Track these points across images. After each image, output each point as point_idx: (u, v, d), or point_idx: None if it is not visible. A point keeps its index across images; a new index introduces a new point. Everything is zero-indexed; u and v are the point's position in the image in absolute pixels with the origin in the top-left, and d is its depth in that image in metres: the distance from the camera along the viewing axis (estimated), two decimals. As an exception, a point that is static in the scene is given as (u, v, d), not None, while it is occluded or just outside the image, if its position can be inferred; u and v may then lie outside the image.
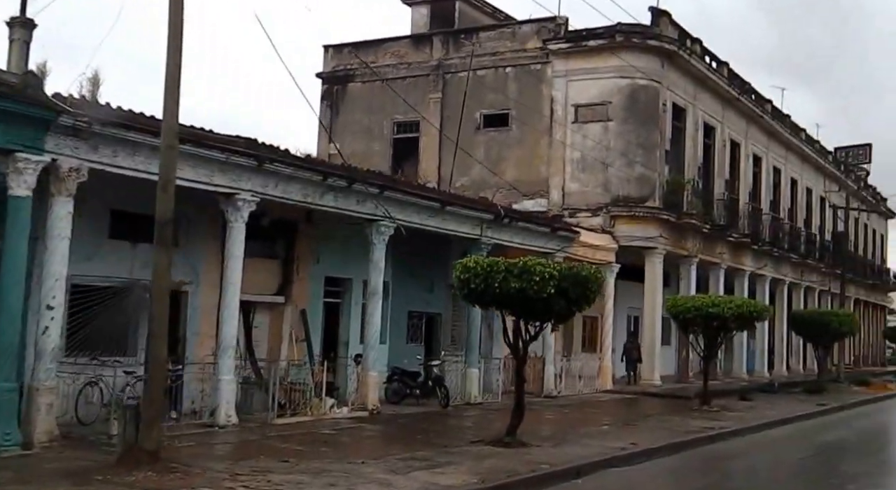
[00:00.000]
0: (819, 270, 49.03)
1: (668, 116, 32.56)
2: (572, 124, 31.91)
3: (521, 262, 15.73)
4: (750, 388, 34.68)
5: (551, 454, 15.57)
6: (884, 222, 68.24)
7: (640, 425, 21.21)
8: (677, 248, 32.63)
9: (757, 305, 25.88)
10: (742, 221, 38.25)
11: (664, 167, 32.11)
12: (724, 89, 36.38)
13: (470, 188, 31.52)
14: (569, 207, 31.61)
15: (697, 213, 33.10)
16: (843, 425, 25.72)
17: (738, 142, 39.17)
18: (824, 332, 35.39)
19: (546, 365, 27.57)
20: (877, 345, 66.88)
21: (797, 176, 47.10)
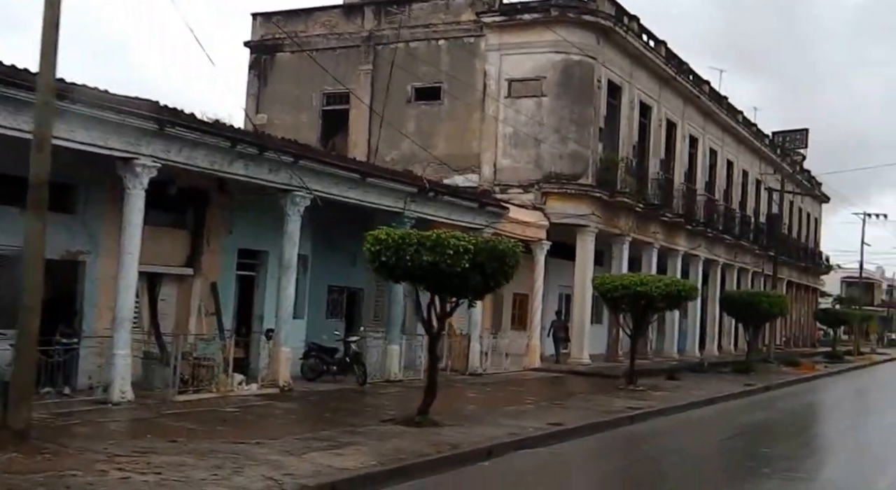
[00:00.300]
0: (753, 252, 49.17)
1: (603, 93, 32.09)
2: (505, 99, 31.28)
3: (434, 235, 15.08)
4: (679, 368, 34.54)
5: (463, 434, 15.01)
6: (818, 206, 68.88)
7: (563, 405, 20.78)
8: (610, 227, 32.26)
9: (685, 285, 25.56)
10: (676, 201, 38.03)
11: (598, 145, 31.65)
12: (661, 68, 36.01)
13: (400, 162, 30.83)
14: (500, 183, 31.04)
15: (631, 191, 32.75)
16: (769, 406, 25.59)
17: (675, 122, 38.89)
18: (755, 313, 35.32)
19: (472, 342, 27.05)
20: (808, 326, 67.63)
21: (733, 158, 47.07)
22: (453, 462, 13.06)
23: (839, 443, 18.30)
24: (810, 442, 17.84)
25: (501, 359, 28.93)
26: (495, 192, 30.48)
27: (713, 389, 27.71)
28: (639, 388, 25.30)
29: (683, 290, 25.12)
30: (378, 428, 15.12)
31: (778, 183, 51.47)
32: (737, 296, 36.13)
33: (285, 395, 18.75)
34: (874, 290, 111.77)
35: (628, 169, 33.04)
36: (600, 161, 31.42)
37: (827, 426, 21.46)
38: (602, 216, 31.57)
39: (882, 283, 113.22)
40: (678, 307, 27.05)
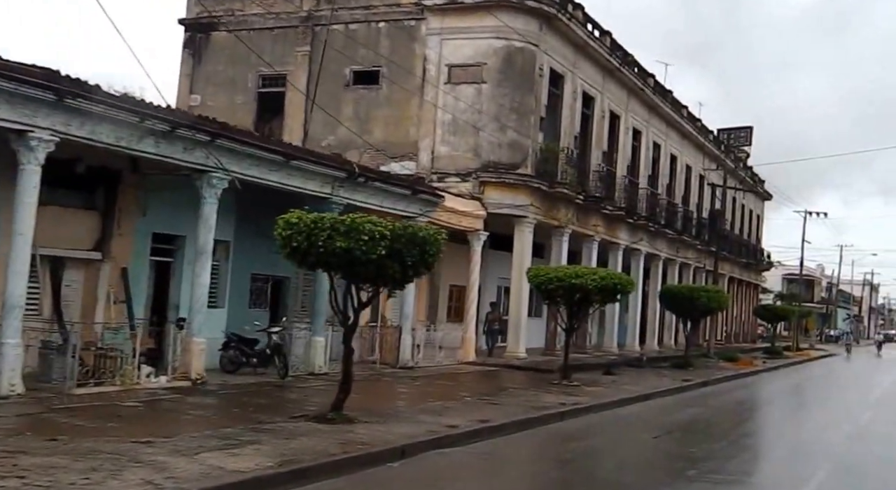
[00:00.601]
0: (695, 247, 48.95)
1: (545, 82, 31.39)
2: (445, 85, 30.45)
3: (348, 219, 14.23)
4: (618, 363, 34.11)
5: (379, 432, 14.20)
6: (761, 204, 69.08)
7: (492, 400, 20.07)
8: (549, 218, 31.60)
9: (621, 278, 24.95)
10: (618, 194, 37.52)
11: (538, 134, 30.96)
12: (606, 59, 35.41)
13: (337, 148, 29.88)
14: (438, 171, 30.24)
15: (571, 183, 32.12)
16: (704, 402, 25.16)
17: (619, 114, 38.36)
18: (693, 308, 34.93)
19: (403, 334, 26.24)
20: (749, 322, 67.85)
21: (677, 152, 46.74)
22: (361, 463, 12.23)
23: (770, 441, 17.81)
24: (740, 440, 17.26)
25: (435, 352, 28.17)
26: (432, 180, 29.68)
27: (649, 385, 27.23)
28: (573, 384, 24.68)
29: (619, 284, 24.51)
30: (287, 425, 14.23)
31: (721, 179, 51.38)
32: (676, 290, 35.71)
33: (196, 389, 17.76)
34: (814, 288, 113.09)
35: (569, 160, 32.40)
36: (540, 151, 30.74)
37: (759, 424, 21.00)
38: (541, 207, 30.90)
39: (822, 281, 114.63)
40: (614, 301, 26.47)
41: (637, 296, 41.17)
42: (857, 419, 22.47)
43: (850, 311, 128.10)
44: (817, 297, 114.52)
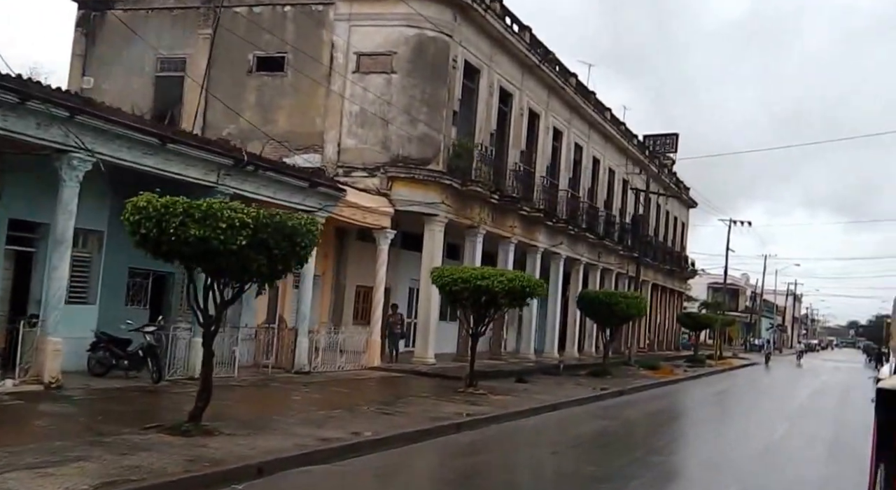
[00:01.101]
0: (617, 253, 47.97)
1: (459, 75, 29.95)
2: (353, 74, 28.85)
3: (204, 205, 12.54)
4: (533, 370, 32.87)
5: (236, 447, 12.54)
6: (685, 211, 68.65)
7: (385, 410, 18.52)
8: (462, 218, 30.13)
9: (530, 280, 23.54)
10: (537, 195, 36.22)
11: (451, 129, 29.49)
12: (524, 54, 34.09)
13: (238, 137, 28.01)
14: (344, 165, 28.61)
15: (486, 181, 30.69)
16: (616, 413, 23.94)
17: (538, 112, 37.09)
18: (611, 314, 33.77)
19: (299, 336, 24.54)
20: (672, 330, 67.28)
21: (599, 155, 45.68)
22: (204, 484, 10.60)
23: (678, 459, 16.52)
24: (646, 458, 15.91)
25: (335, 356, 26.48)
26: (338, 174, 28.06)
27: (561, 394, 25.94)
28: (479, 392, 23.25)
29: (528, 286, 23.10)
30: (133, 438, 12.48)
31: (645, 184, 50.58)
32: (594, 295, 34.49)
33: (49, 394, 15.90)
34: (739, 297, 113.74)
35: (484, 157, 30.98)
36: (453, 147, 29.28)
37: (670, 438, 19.73)
38: (453, 205, 29.42)
39: (746, 290, 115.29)
40: (523, 304, 25.06)
41: (556, 301, 40.01)
42: (771, 433, 21.39)
43: (773, 320, 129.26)
44: (742, 306, 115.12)
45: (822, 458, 17.84)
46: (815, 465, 16.78)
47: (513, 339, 39.25)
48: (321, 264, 28.94)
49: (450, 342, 33.36)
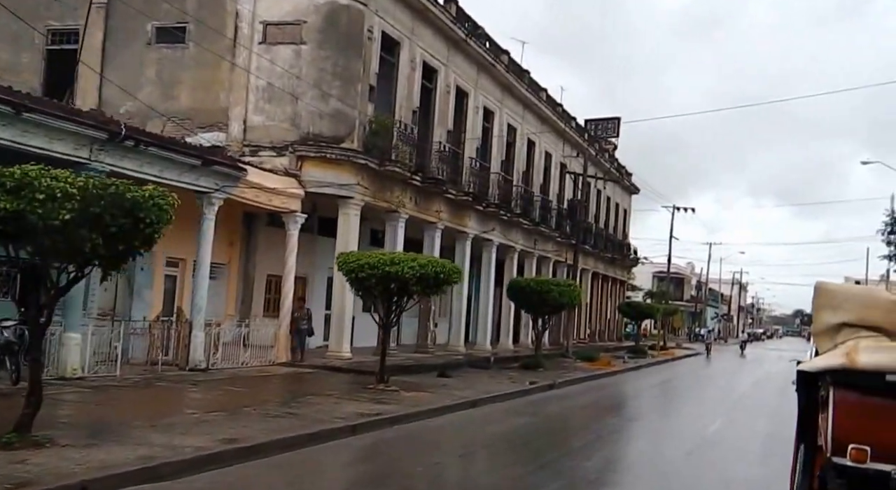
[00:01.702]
0: (554, 240, 46.24)
1: (376, 47, 27.86)
2: (259, 45, 26.67)
3: (18, 171, 10.41)
4: (460, 364, 30.97)
5: (62, 462, 10.46)
6: (628, 198, 67.22)
7: (273, 411, 16.48)
8: (380, 200, 28.10)
9: (445, 266, 21.55)
10: (466, 178, 34.28)
11: (368, 105, 27.42)
12: (449, 28, 32.09)
13: (137, 115, 25.84)
14: (250, 144, 26.45)
15: (406, 161, 28.65)
16: (540, 409, 22.14)
17: (467, 90, 35.11)
18: (543, 303, 31.96)
19: (194, 330, 22.36)
20: (615, 320, 65.80)
21: (535, 137, 43.83)
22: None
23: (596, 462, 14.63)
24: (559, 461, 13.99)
25: (239, 352, 24.35)
26: (244, 154, 25.92)
27: (484, 389, 24.11)
28: (390, 388, 21.30)
29: (443, 273, 21.12)
30: (-68, 451, 10.33)
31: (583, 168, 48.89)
32: (524, 284, 32.59)
33: None
34: (684, 286, 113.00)
35: (405, 136, 28.94)
36: (370, 124, 27.21)
37: (593, 436, 17.84)
38: (370, 187, 27.38)
39: (692, 279, 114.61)
40: (437, 292, 23.07)
41: (489, 290, 38.18)
42: (704, 428, 19.69)
43: (718, 309, 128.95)
44: (687, 296, 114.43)
45: (756, 455, 16.10)
46: (746, 464, 15.04)
47: (444, 331, 37.27)
48: (226, 252, 26.79)
49: (372, 335, 31.27)
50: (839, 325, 6.65)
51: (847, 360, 5.95)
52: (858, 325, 6.56)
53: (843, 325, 6.64)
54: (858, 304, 6.60)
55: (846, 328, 6.63)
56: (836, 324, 6.67)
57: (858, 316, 6.57)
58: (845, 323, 6.63)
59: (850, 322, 6.60)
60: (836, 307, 6.67)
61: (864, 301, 6.62)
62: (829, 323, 6.70)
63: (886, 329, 6.47)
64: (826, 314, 6.72)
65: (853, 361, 5.90)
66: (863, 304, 6.58)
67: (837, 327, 6.67)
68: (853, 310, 6.58)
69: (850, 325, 6.60)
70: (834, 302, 6.70)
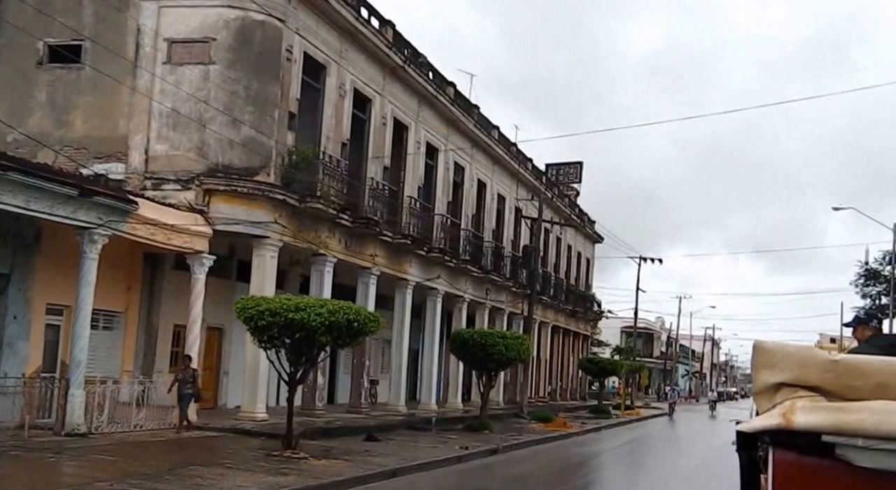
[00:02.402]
0: (509, 289, 43.25)
1: (297, 69, 24.99)
2: (163, 66, 23.68)
3: None
4: (396, 425, 27.76)
5: None
6: (591, 247, 64.49)
7: (136, 487, 13.21)
8: (302, 241, 25.01)
9: (360, 313, 18.40)
10: (406, 220, 31.30)
11: (287, 134, 24.46)
12: (384, 52, 29.30)
13: (27, 144, 22.63)
14: (153, 176, 23.36)
15: (330, 197, 25.58)
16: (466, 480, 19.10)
17: (406, 123, 32.26)
18: (487, 358, 28.79)
19: (71, 389, 19.02)
20: (578, 377, 62.52)
21: (486, 178, 41.03)
22: None
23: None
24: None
25: (131, 413, 21.01)
26: (146, 187, 22.84)
27: (411, 455, 20.96)
28: (297, 456, 18.10)
29: (357, 321, 18.00)
30: None
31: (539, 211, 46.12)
32: (467, 336, 29.39)
33: None
34: (654, 342, 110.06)
35: (332, 170, 25.96)
36: (289, 155, 24.23)
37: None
38: (290, 226, 24.32)
39: (662, 335, 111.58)
40: (350, 344, 19.87)
41: (433, 343, 35.01)
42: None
43: (689, 367, 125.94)
44: (657, 352, 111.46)
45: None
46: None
47: (385, 389, 34.05)
48: (122, 298, 23.51)
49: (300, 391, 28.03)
50: (777, 384, 6.39)
51: (783, 421, 5.93)
52: (796, 384, 6.32)
53: (782, 385, 6.38)
54: (795, 363, 6.39)
55: (784, 388, 6.38)
56: (774, 383, 6.41)
57: (795, 375, 6.36)
58: (783, 382, 6.38)
59: (787, 381, 6.37)
60: (773, 366, 6.45)
61: (801, 360, 6.40)
62: (768, 382, 6.47)
63: (823, 388, 6.28)
64: (765, 374, 6.55)
65: (789, 422, 5.90)
66: (799, 364, 6.37)
67: (776, 387, 6.41)
68: (790, 369, 6.38)
69: (787, 385, 6.36)
70: (772, 361, 6.49)
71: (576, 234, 58.65)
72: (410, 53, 31.35)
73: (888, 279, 50.62)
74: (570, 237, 57.03)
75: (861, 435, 5.72)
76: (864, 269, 53.20)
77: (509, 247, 44.17)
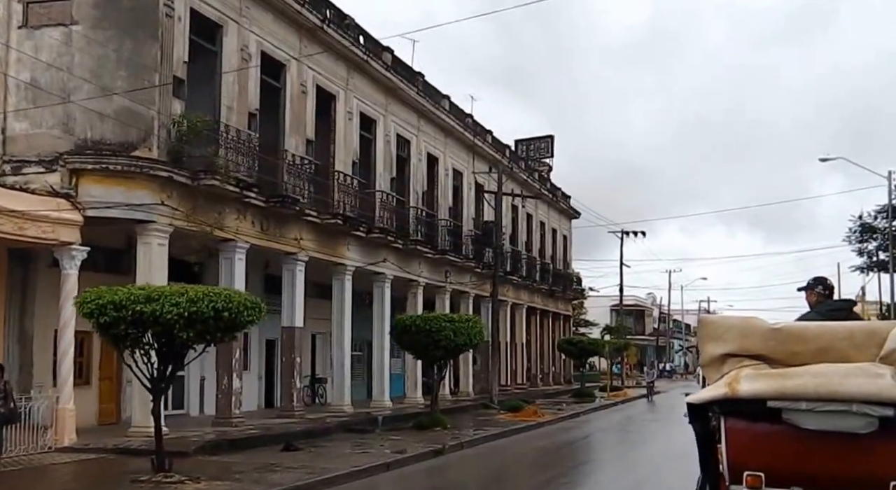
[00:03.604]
0: (472, 270, 39.97)
1: (183, 28, 21.62)
2: (20, 29, 20.39)
3: None
4: (330, 429, 24.51)
5: None
6: (567, 222, 61.17)
7: None
8: (198, 224, 21.64)
9: (233, 299, 15.03)
10: (339, 198, 28.02)
11: (174, 102, 21.10)
12: (296, 11, 25.80)
13: None
14: (12, 159, 20.15)
15: (237, 175, 22.28)
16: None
17: (333, 92, 28.86)
18: (434, 345, 25.53)
19: None
20: (562, 360, 59.22)
21: (438, 152, 37.70)
22: None
23: None
24: None
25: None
26: (4, 172, 19.55)
27: (330, 466, 17.83)
28: (169, 480, 14.85)
29: (227, 310, 14.69)
30: None
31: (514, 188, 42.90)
32: (408, 321, 26.02)
33: None
34: (645, 318, 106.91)
35: (234, 142, 22.64)
36: (176, 125, 20.88)
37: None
38: (183, 208, 21.01)
39: (654, 311, 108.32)
40: (224, 338, 16.55)
41: (383, 335, 31.64)
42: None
43: (683, 342, 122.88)
44: (650, 329, 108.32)
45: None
46: None
47: (331, 387, 30.82)
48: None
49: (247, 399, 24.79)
50: (723, 355, 6.76)
51: (729, 390, 6.22)
52: (740, 354, 6.70)
53: (727, 356, 6.75)
54: (738, 333, 6.79)
55: (730, 358, 6.72)
56: (719, 354, 6.79)
57: (739, 346, 6.73)
58: (728, 353, 6.75)
59: (732, 352, 6.73)
60: (718, 338, 6.84)
61: (743, 331, 6.81)
62: (714, 354, 6.83)
63: (767, 356, 6.64)
64: (710, 346, 6.90)
65: (734, 391, 6.20)
66: (741, 334, 6.78)
67: (722, 358, 6.77)
68: (733, 340, 6.76)
69: (733, 355, 6.72)
70: (716, 333, 6.91)
71: (549, 209, 55.36)
72: (334, 14, 28.00)
73: (884, 233, 47.69)
74: (542, 213, 53.75)
75: (803, 398, 6.04)
76: (859, 224, 50.20)
77: (470, 225, 40.88)
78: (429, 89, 35.93)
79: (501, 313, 45.20)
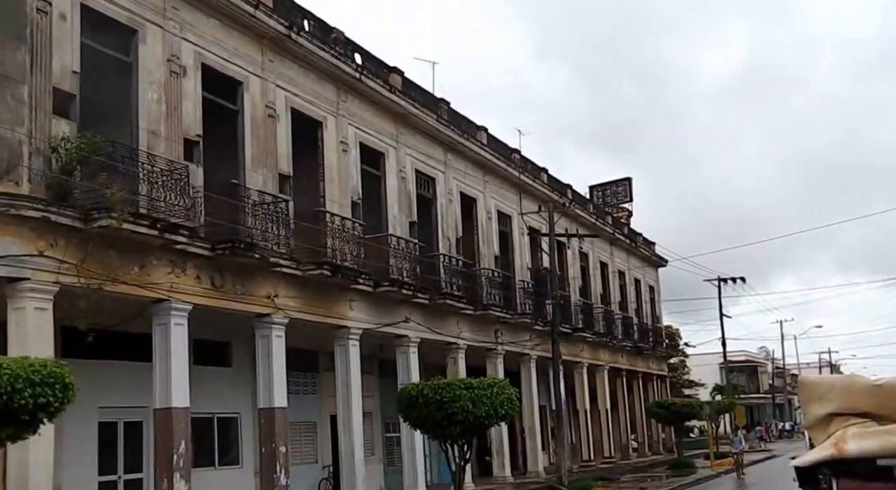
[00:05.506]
0: (531, 328, 33.85)
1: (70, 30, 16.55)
2: None
3: None
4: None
5: None
6: (653, 272, 54.50)
7: None
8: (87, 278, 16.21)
9: (56, 373, 9.53)
10: (331, 244, 22.59)
11: (54, 122, 16.00)
12: (248, 15, 20.85)
13: None
14: None
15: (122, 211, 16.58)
16: None
17: (319, 119, 23.68)
18: (447, 420, 19.38)
19: None
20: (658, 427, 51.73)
21: (476, 192, 32.00)
22: None
23: None
24: None
25: None
26: None
27: None
28: None
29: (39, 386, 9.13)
30: None
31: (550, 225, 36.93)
32: (414, 392, 19.93)
33: None
34: (759, 374, 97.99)
35: (156, 175, 17.40)
36: (57, 151, 15.77)
37: None
38: (75, 260, 15.76)
39: (767, 366, 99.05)
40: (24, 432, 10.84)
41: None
42: None
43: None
44: (765, 386, 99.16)
45: None
46: None
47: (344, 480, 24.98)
48: None
49: None
50: (828, 415, 6.79)
51: (836, 450, 6.36)
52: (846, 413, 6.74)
53: (832, 415, 6.78)
54: (840, 392, 6.77)
55: (836, 418, 6.80)
56: (824, 415, 6.81)
57: (843, 404, 6.74)
58: (833, 413, 6.77)
59: (837, 411, 6.75)
60: (821, 398, 6.81)
61: (845, 389, 6.75)
62: (818, 415, 6.84)
63: (872, 413, 6.63)
64: (814, 407, 6.86)
65: (842, 451, 6.35)
66: (844, 392, 6.75)
67: (827, 418, 6.83)
68: (836, 399, 6.76)
69: (838, 415, 6.75)
70: (818, 393, 6.86)
71: (628, 257, 48.95)
72: (302, 14, 22.97)
73: None
74: (620, 261, 47.37)
75: None
76: None
77: (525, 276, 34.93)
78: (456, 117, 30.46)
79: (577, 377, 39.03)
